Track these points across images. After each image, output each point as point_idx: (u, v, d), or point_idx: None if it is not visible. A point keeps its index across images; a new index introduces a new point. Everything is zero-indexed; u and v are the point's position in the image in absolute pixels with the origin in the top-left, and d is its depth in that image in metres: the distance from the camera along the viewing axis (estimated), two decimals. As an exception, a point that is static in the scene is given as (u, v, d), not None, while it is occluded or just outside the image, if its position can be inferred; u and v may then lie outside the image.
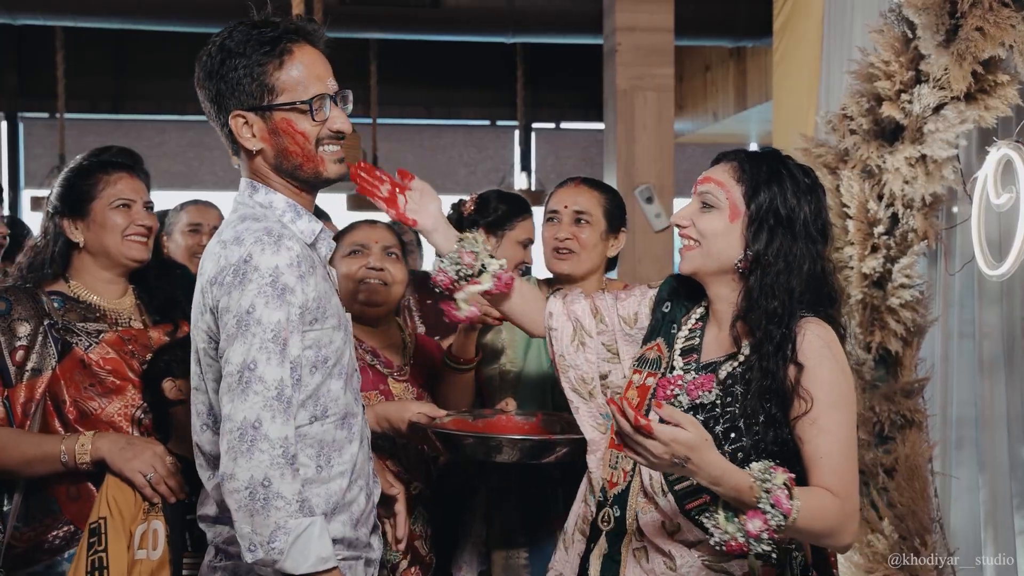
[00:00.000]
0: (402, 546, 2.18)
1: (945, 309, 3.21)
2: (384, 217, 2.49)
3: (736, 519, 1.64)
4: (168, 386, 2.16)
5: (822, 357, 1.77)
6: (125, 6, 6.34)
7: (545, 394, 2.47)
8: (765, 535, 1.61)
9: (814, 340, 1.78)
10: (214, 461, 1.78)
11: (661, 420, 1.62)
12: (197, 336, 1.78)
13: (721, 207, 1.85)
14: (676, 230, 1.94)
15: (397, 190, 2.05)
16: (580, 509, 2.06)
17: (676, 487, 1.85)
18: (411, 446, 2.39)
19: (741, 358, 1.85)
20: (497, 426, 2.24)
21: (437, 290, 2.07)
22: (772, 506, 1.61)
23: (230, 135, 1.78)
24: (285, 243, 1.68)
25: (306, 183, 1.81)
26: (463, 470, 2.53)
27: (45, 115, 8.75)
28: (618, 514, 1.93)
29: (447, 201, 2.53)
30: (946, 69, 2.81)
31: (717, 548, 1.67)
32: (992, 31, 2.68)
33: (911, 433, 3.06)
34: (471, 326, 2.36)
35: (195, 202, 3.59)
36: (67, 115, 7.90)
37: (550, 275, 2.59)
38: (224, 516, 1.78)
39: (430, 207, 2.07)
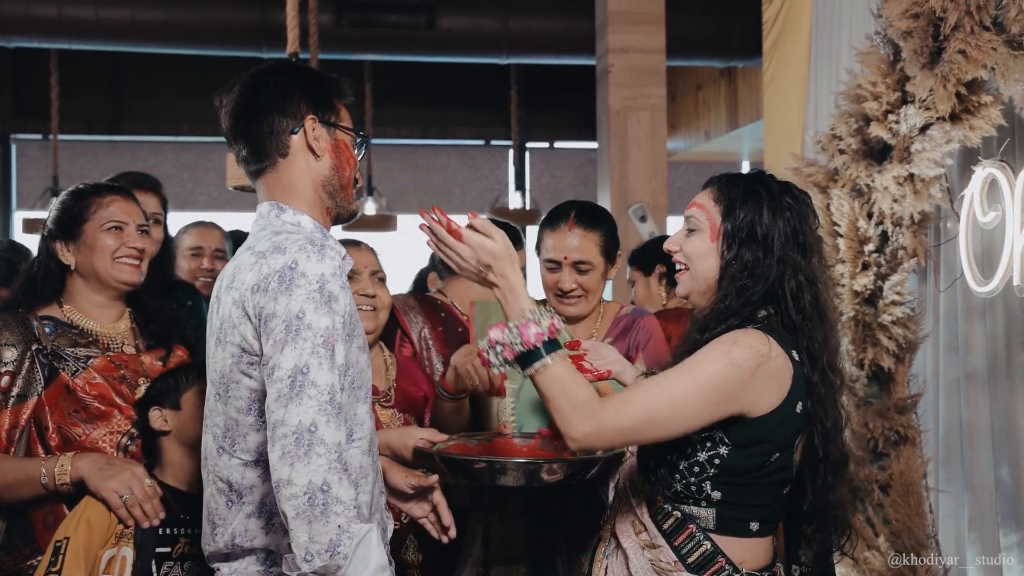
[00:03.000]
0: (452, 533, 2.09)
1: (935, 325, 3.23)
2: (364, 237, 2.45)
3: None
4: (155, 415, 2.13)
5: (719, 343, 1.77)
6: (119, 29, 6.36)
7: (544, 410, 2.46)
8: (500, 348, 1.75)
9: (724, 336, 1.78)
10: (228, 488, 1.75)
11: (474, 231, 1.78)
12: (222, 354, 1.74)
13: (702, 229, 1.90)
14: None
15: None
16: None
17: (647, 489, 1.89)
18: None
19: None
20: (499, 449, 2.19)
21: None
22: (517, 330, 1.74)
23: (278, 139, 1.79)
24: (328, 252, 1.69)
25: (340, 207, 1.85)
26: (458, 493, 2.51)
27: (39, 136, 8.74)
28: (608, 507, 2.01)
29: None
30: (931, 90, 2.84)
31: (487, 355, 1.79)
32: (974, 54, 2.71)
33: (905, 449, 3.08)
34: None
35: (197, 224, 3.52)
36: (61, 136, 7.86)
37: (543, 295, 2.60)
38: (240, 550, 1.75)
39: (610, 355, 2.20)
